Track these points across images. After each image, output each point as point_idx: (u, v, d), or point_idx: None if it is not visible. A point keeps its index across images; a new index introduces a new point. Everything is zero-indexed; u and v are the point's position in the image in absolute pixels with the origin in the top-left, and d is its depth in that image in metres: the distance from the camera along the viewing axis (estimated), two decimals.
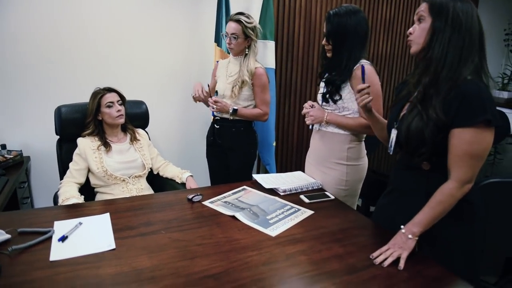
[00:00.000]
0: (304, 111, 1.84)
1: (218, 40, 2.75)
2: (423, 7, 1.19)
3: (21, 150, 2.45)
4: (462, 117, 1.11)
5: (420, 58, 1.23)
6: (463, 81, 1.12)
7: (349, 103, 1.73)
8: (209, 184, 2.53)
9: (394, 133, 1.31)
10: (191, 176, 2.07)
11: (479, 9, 4.29)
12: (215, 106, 2.17)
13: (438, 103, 1.14)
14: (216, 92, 2.23)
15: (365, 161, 1.84)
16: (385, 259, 1.16)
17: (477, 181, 1.84)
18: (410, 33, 1.23)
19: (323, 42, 1.76)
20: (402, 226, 1.21)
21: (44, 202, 2.57)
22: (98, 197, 1.96)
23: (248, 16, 2.16)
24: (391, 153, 1.35)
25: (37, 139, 2.55)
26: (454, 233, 1.23)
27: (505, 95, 4.58)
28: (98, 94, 1.98)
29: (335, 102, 1.75)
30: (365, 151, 1.84)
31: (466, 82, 1.12)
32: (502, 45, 4.71)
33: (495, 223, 1.85)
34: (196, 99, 2.23)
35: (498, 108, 1.16)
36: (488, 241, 1.88)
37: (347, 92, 1.72)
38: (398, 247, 1.18)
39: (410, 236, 1.18)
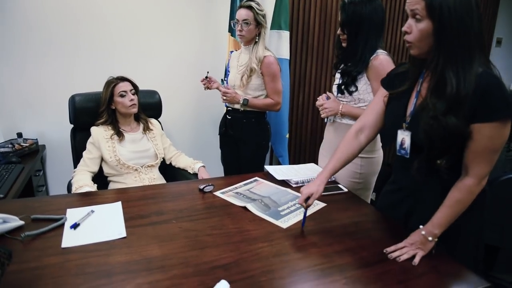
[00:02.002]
0: (318, 103, 1.81)
1: (231, 30, 2.72)
2: (417, 3, 1.05)
3: (36, 139, 2.48)
4: (485, 112, 1.04)
5: (423, 57, 1.13)
6: (479, 75, 1.04)
7: (365, 94, 1.69)
8: (222, 175, 2.52)
9: (405, 134, 1.20)
10: (203, 166, 2.07)
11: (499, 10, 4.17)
12: (225, 97, 2.16)
13: (458, 114, 1.05)
14: (222, 81, 2.23)
15: (379, 154, 1.80)
16: (401, 254, 1.13)
17: (496, 176, 1.80)
18: (407, 32, 1.10)
19: (338, 31, 1.72)
20: (421, 227, 1.16)
21: (59, 190, 2.61)
22: (111, 186, 1.98)
23: (258, 3, 2.14)
24: (407, 157, 1.22)
25: (52, 128, 2.59)
26: (469, 225, 1.19)
27: None
28: (112, 83, 1.98)
29: (350, 93, 1.71)
30: (380, 144, 1.80)
31: (482, 75, 1.04)
32: None
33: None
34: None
35: None
36: (506, 239, 1.84)
37: (363, 83, 1.68)
38: (416, 247, 1.14)
39: (430, 238, 1.13)
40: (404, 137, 1.22)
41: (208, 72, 2.32)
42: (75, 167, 1.96)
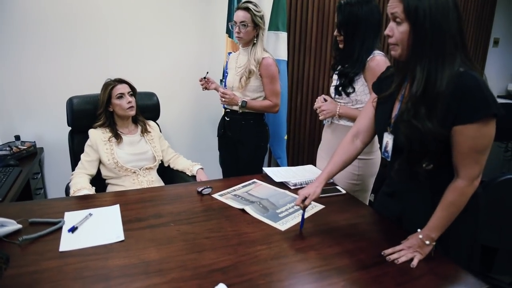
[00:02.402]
0: (316, 105, 1.81)
1: (229, 32, 2.72)
2: (397, 7, 1.08)
3: (34, 141, 2.48)
4: (466, 114, 1.04)
5: (404, 60, 1.14)
6: (458, 75, 1.05)
7: (362, 96, 1.70)
8: (220, 177, 2.52)
9: (389, 137, 1.23)
10: (202, 168, 2.07)
11: (498, 0, 4.18)
12: (223, 99, 2.16)
13: (436, 113, 1.06)
14: (221, 81, 2.23)
15: (377, 155, 1.80)
16: (399, 257, 1.13)
17: (493, 177, 1.81)
18: (389, 35, 1.12)
19: (335, 32, 1.72)
20: (418, 230, 1.17)
21: (57, 193, 2.60)
22: (109, 189, 1.97)
23: (256, 5, 2.13)
24: (388, 159, 1.26)
25: (50, 131, 2.58)
26: (462, 227, 1.19)
27: None
28: (109, 86, 1.98)
29: (348, 94, 1.71)
30: (378, 146, 1.80)
31: (461, 75, 1.04)
32: None
33: (510, 220, 1.80)
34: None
35: None
36: (504, 240, 1.84)
37: (360, 84, 1.69)
38: (414, 251, 1.14)
39: (427, 242, 1.13)
40: (388, 140, 1.24)
41: (207, 73, 2.32)
42: (73, 169, 1.95)
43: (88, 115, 2.02)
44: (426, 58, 1.06)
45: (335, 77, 1.80)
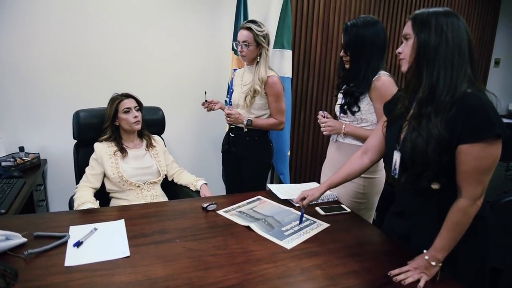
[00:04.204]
0: (321, 120, 1.82)
1: (235, 49, 2.76)
2: (407, 26, 1.18)
3: (38, 153, 2.48)
4: (470, 133, 1.07)
5: (411, 74, 1.20)
6: (464, 95, 1.08)
7: (367, 115, 1.71)
8: (223, 192, 2.52)
9: (397, 155, 1.27)
10: (206, 184, 2.06)
11: (499, 21, 4.26)
12: (228, 118, 2.18)
13: (439, 121, 1.10)
14: (226, 102, 2.25)
15: (382, 174, 1.81)
16: (406, 278, 1.13)
17: (497, 198, 1.81)
18: (400, 53, 1.21)
19: (341, 53, 1.75)
20: (424, 251, 1.17)
21: (59, 205, 2.60)
22: (113, 203, 1.97)
23: (259, 25, 2.15)
24: (396, 177, 1.30)
25: (54, 143, 2.59)
26: (470, 250, 1.19)
27: None
28: (116, 100, 1.99)
29: (353, 113, 1.73)
30: (383, 164, 1.81)
31: (467, 95, 1.08)
32: None
33: None
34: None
35: None
36: (508, 260, 1.83)
37: (365, 103, 1.70)
38: (420, 272, 1.14)
39: (433, 263, 1.13)
40: (396, 158, 1.27)
41: (206, 93, 2.32)
42: (77, 182, 1.95)
43: (94, 128, 2.03)
44: (431, 62, 1.11)
45: (339, 96, 1.82)
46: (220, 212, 1.56)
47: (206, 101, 2.31)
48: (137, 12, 2.66)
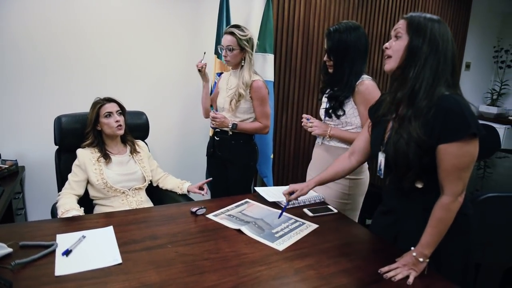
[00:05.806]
0: (306, 125, 1.85)
1: (218, 53, 2.76)
2: (401, 24, 1.20)
3: (16, 160, 2.40)
4: (448, 133, 1.12)
5: (396, 75, 1.24)
6: (442, 97, 1.14)
7: (352, 118, 1.75)
8: (208, 196, 2.51)
9: (382, 156, 1.32)
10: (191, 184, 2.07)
11: (469, 26, 4.44)
12: (214, 122, 2.18)
13: (418, 125, 1.15)
14: (211, 106, 2.26)
15: (366, 175, 1.86)
16: (396, 275, 1.16)
17: (475, 196, 1.89)
18: (387, 48, 1.23)
19: (325, 58, 1.78)
20: (412, 248, 1.21)
21: (39, 213, 2.52)
22: (97, 209, 1.93)
23: (242, 29, 2.17)
24: (381, 177, 1.35)
25: (33, 149, 2.51)
26: (453, 246, 1.25)
27: (494, 110, 4.68)
28: (97, 104, 1.96)
29: (338, 117, 1.77)
30: (367, 166, 1.86)
31: (444, 98, 1.14)
32: (492, 61, 4.85)
33: (492, 236, 1.88)
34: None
35: (487, 123, 1.18)
36: (486, 255, 1.91)
37: (350, 107, 1.75)
38: (409, 268, 1.18)
39: (421, 259, 1.18)
40: (381, 159, 1.32)
41: (205, 53, 2.31)
42: (59, 190, 1.90)
43: (77, 134, 1.98)
44: (418, 68, 1.16)
45: (324, 100, 1.86)
46: (210, 216, 1.56)
47: (201, 61, 2.27)
48: (120, 16, 2.62)
